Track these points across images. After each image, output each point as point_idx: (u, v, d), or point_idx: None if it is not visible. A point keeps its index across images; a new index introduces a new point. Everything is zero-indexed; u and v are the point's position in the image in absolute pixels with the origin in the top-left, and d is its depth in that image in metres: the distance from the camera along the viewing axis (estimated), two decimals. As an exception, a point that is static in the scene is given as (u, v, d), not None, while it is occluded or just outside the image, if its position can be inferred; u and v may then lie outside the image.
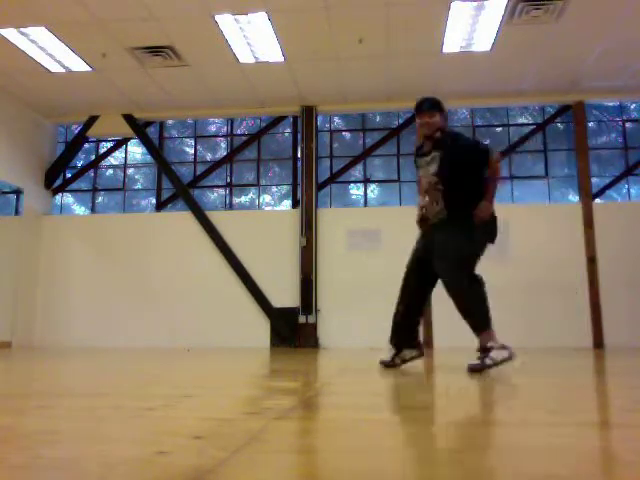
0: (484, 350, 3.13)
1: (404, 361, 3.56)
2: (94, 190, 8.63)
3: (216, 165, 8.38)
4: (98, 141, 8.68)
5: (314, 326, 7.42)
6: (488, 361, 3.07)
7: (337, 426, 1.45)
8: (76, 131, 8.59)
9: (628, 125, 7.94)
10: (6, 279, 7.58)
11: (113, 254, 8.06)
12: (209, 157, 8.56)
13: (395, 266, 7.46)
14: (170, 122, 8.66)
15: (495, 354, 3.09)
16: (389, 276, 7.50)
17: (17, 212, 7.98)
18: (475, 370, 3.07)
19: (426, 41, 6.27)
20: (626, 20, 5.82)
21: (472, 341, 7.20)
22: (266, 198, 8.41)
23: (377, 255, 7.56)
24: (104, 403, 1.86)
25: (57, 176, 8.46)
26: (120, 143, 8.59)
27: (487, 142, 8.11)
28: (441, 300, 7.75)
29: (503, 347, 3.13)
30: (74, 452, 1.12)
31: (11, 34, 6.04)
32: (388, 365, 3.54)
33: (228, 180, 8.40)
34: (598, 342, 7.06)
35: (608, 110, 8.03)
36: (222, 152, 8.52)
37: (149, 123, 8.46)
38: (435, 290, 4.14)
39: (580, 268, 7.28)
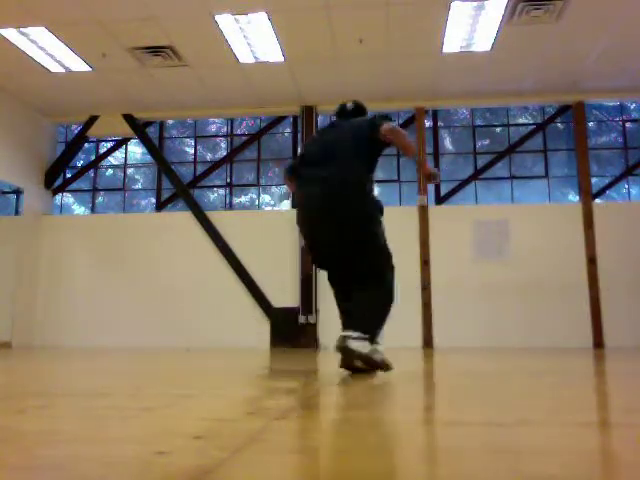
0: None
1: None
2: (94, 190, 8.63)
3: (216, 165, 8.38)
4: (98, 141, 8.69)
5: (314, 326, 7.42)
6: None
7: (337, 426, 1.45)
8: (76, 131, 8.59)
9: (628, 125, 7.94)
10: (6, 279, 7.57)
11: (113, 254, 8.07)
12: (209, 157, 8.56)
13: (395, 266, 7.48)
14: (170, 122, 8.66)
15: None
16: (389, 276, 7.52)
17: (17, 212, 7.99)
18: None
19: (426, 41, 6.27)
20: (626, 20, 5.82)
21: (472, 341, 7.21)
22: (266, 198, 8.41)
23: (377, 255, 7.54)
24: (104, 403, 1.86)
25: (57, 176, 8.46)
26: (120, 143, 8.59)
27: (486, 142, 8.13)
28: (441, 301, 7.75)
29: None
30: (74, 452, 1.12)
31: (11, 34, 6.05)
32: None
33: (228, 180, 8.40)
34: (598, 342, 7.07)
35: (608, 110, 8.03)
36: (222, 152, 8.53)
37: (149, 123, 8.46)
38: (435, 289, 4.14)
39: (580, 268, 7.28)
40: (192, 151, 8.59)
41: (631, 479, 0.92)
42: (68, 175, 8.60)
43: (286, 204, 8.27)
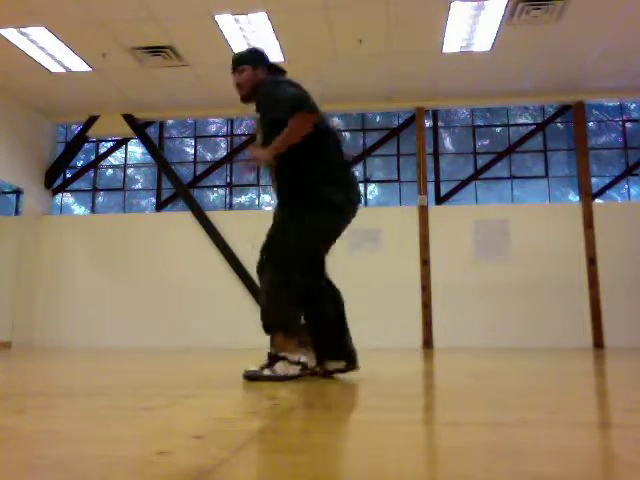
0: (272, 357, 2.64)
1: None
2: (94, 190, 8.63)
3: (216, 165, 8.38)
4: (98, 141, 8.69)
5: (314, 326, 7.41)
6: (267, 372, 2.59)
7: (337, 426, 1.45)
8: (76, 131, 8.59)
9: (628, 125, 7.94)
10: (6, 279, 7.58)
11: (113, 254, 8.07)
12: (209, 157, 8.56)
13: (395, 266, 7.50)
14: (170, 122, 8.66)
15: (281, 367, 2.60)
16: (389, 276, 7.53)
17: (17, 212, 7.99)
18: (249, 378, 2.59)
19: (426, 41, 6.27)
20: (626, 20, 5.82)
21: (472, 341, 7.19)
22: (266, 198, 8.41)
23: (377, 255, 7.56)
24: (104, 403, 1.86)
25: (57, 176, 8.46)
26: (120, 143, 8.59)
27: (486, 142, 8.12)
28: (441, 301, 7.75)
29: (297, 363, 2.61)
30: (74, 452, 1.12)
31: (11, 34, 6.05)
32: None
33: (228, 180, 8.41)
34: (598, 342, 7.07)
35: (608, 110, 8.03)
36: (222, 152, 8.53)
37: (149, 123, 8.47)
38: (435, 289, 4.10)
39: (580, 268, 7.29)
40: (192, 151, 8.59)
41: (631, 479, 0.92)
42: (68, 175, 8.60)
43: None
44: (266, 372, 2.58)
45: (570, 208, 7.53)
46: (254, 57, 2.88)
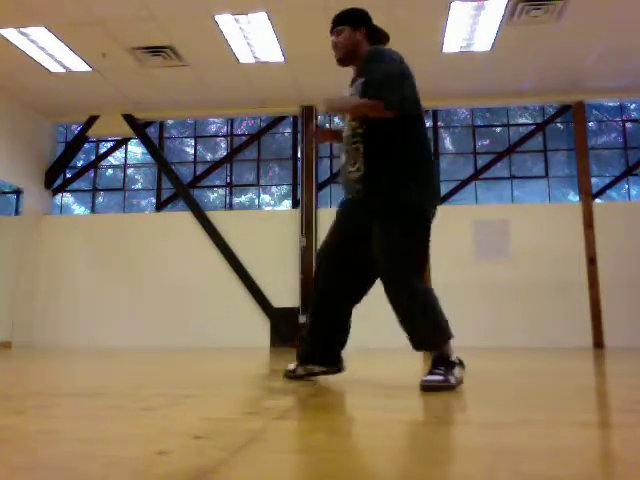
0: (448, 363, 2.29)
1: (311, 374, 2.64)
2: (94, 190, 8.63)
3: (216, 165, 8.38)
4: (98, 141, 8.69)
5: (314, 326, 7.42)
6: (452, 379, 2.22)
7: (337, 426, 1.45)
8: (76, 131, 8.59)
9: (628, 125, 7.94)
10: (6, 279, 7.57)
11: (113, 254, 8.07)
12: (209, 157, 8.56)
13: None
14: (170, 122, 8.66)
15: (459, 372, 2.28)
16: (389, 276, 7.53)
17: (17, 212, 7.99)
18: (434, 389, 2.18)
19: (426, 41, 6.27)
20: (626, 20, 5.82)
21: (472, 341, 7.19)
22: (266, 198, 8.41)
23: (377, 255, 7.55)
24: (104, 403, 1.86)
25: (57, 176, 8.47)
26: (120, 143, 8.59)
27: (486, 142, 8.12)
28: (441, 301, 7.72)
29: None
30: (74, 452, 1.12)
31: (11, 34, 6.05)
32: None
33: (228, 180, 8.41)
34: (598, 342, 7.07)
35: (608, 110, 8.04)
36: (222, 152, 8.53)
37: (149, 123, 8.47)
38: (435, 289, 4.06)
39: (580, 268, 7.28)
40: (192, 151, 8.60)
41: (631, 479, 0.92)
42: (68, 175, 8.60)
43: (286, 204, 8.27)
44: (452, 380, 2.22)
45: (570, 208, 7.53)
46: (355, 17, 2.71)
